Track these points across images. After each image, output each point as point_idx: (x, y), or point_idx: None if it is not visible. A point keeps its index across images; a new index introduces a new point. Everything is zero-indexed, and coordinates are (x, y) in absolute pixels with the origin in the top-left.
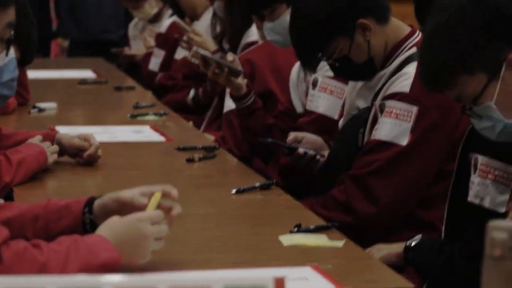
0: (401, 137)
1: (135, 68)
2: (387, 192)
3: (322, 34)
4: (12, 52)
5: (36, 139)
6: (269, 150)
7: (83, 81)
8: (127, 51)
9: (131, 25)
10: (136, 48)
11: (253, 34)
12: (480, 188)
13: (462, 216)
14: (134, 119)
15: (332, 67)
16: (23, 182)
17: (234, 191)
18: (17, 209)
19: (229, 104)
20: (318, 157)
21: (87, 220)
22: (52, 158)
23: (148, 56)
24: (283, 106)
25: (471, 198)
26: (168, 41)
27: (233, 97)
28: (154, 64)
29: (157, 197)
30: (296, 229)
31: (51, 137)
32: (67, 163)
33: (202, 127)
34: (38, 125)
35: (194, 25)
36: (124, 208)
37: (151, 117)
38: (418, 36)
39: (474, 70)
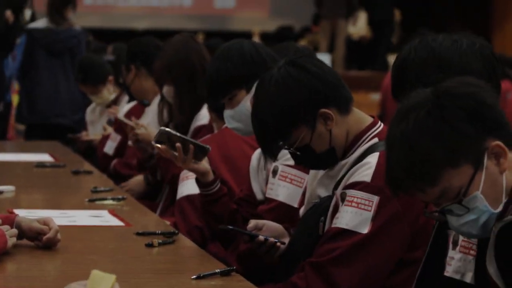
0: (362, 226)
1: (92, 152)
2: (348, 280)
3: (284, 123)
4: None
5: None
6: (229, 236)
7: (40, 164)
8: (84, 136)
9: (89, 110)
10: (93, 133)
11: (203, 117)
12: (461, 264)
13: None
14: (92, 203)
15: (293, 155)
16: None
17: (194, 276)
18: None
19: (182, 191)
20: (278, 244)
21: None
22: (11, 241)
23: (104, 139)
24: (243, 193)
25: (450, 274)
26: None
27: (199, 183)
28: (109, 147)
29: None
30: None
31: (10, 220)
32: (26, 246)
33: (157, 213)
34: None
35: (146, 111)
36: None
37: (109, 202)
38: (379, 127)
39: (461, 162)
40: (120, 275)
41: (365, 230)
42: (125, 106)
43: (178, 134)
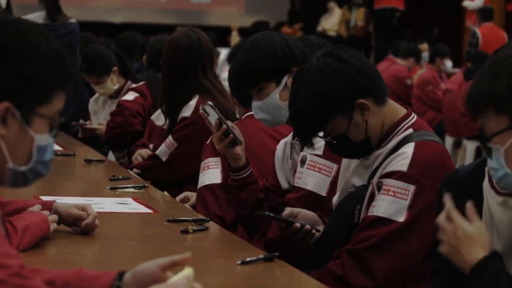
0: (398, 214)
1: (94, 142)
2: (384, 267)
3: (321, 112)
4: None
5: (36, 208)
6: (255, 224)
7: None
8: (88, 124)
9: (92, 100)
10: (96, 122)
11: (189, 109)
12: None
13: None
14: (113, 191)
15: (329, 144)
16: (26, 249)
17: (239, 262)
18: (48, 274)
19: (203, 180)
20: (313, 231)
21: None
22: (52, 227)
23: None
24: (268, 183)
25: None
26: None
27: (230, 167)
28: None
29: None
30: None
31: (48, 206)
32: (64, 231)
33: None
34: (19, 194)
35: None
36: (155, 279)
37: (131, 190)
38: (413, 118)
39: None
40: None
41: (401, 218)
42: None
43: (221, 116)
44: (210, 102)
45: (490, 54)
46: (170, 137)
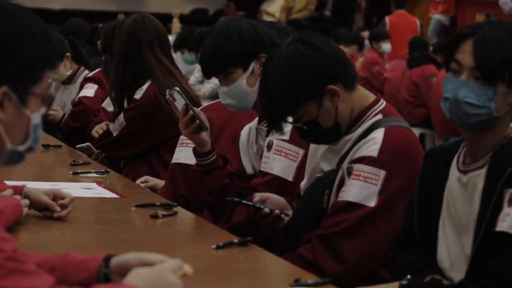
0: (369, 199)
1: (46, 127)
2: (355, 252)
3: (292, 98)
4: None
5: (8, 192)
6: (221, 209)
7: None
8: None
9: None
10: (49, 108)
11: (140, 92)
12: None
13: (489, 251)
14: (76, 176)
15: (299, 130)
16: None
17: (214, 246)
18: (33, 258)
19: (178, 157)
20: (282, 216)
21: (101, 274)
22: (24, 211)
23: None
24: (233, 168)
25: (505, 228)
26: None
27: (195, 153)
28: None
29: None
30: (295, 283)
31: (19, 190)
32: (35, 216)
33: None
34: None
35: None
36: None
37: (93, 175)
38: (382, 104)
39: None
40: (139, 245)
41: (372, 203)
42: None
43: (188, 101)
44: (177, 88)
45: (429, 41)
46: (121, 116)
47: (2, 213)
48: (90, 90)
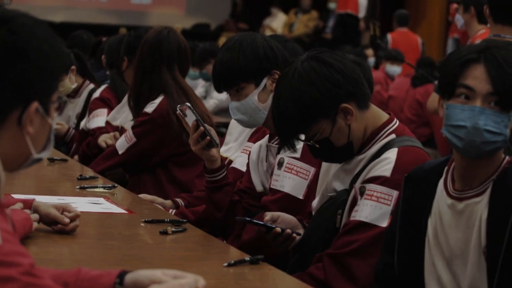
0: (381, 219)
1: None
2: (366, 272)
3: (305, 116)
4: None
5: (18, 206)
6: (229, 226)
7: None
8: None
9: None
10: (54, 122)
11: (152, 106)
12: None
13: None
14: (83, 190)
15: (311, 148)
16: None
17: (225, 264)
18: (46, 273)
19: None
20: (294, 235)
21: None
22: (34, 225)
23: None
24: (243, 185)
25: None
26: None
27: (205, 169)
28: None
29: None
30: None
31: (28, 204)
32: (44, 230)
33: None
34: None
35: None
36: None
37: (100, 190)
38: (396, 123)
39: None
40: (149, 262)
41: (384, 223)
42: (97, 91)
43: (199, 117)
44: (188, 104)
45: (435, 60)
46: (130, 131)
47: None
48: (101, 119)
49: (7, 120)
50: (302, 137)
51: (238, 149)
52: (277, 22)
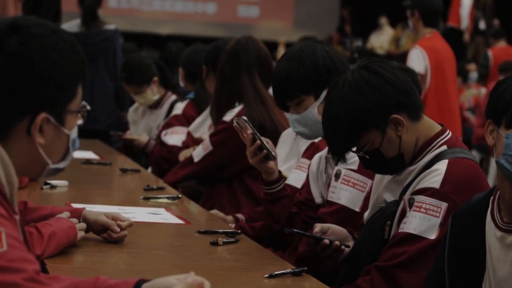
0: (430, 231)
1: (132, 151)
2: (414, 284)
3: (355, 126)
4: None
5: (64, 215)
6: (287, 239)
7: (87, 162)
8: (128, 134)
9: (131, 110)
10: (135, 132)
11: (231, 114)
12: None
13: None
14: (147, 201)
15: (362, 159)
16: (52, 255)
17: (267, 275)
18: (64, 281)
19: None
20: (342, 247)
21: None
22: (80, 234)
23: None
24: (302, 197)
25: None
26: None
27: (263, 181)
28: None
29: None
30: None
31: (77, 213)
32: (92, 239)
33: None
34: (51, 201)
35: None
36: None
37: (164, 200)
38: (448, 135)
39: None
40: (188, 272)
41: (433, 236)
42: (180, 105)
43: (255, 130)
44: (244, 117)
45: None
46: (207, 139)
47: (54, 235)
48: (180, 137)
49: (14, 130)
50: (353, 148)
51: (283, 163)
52: (384, 37)
